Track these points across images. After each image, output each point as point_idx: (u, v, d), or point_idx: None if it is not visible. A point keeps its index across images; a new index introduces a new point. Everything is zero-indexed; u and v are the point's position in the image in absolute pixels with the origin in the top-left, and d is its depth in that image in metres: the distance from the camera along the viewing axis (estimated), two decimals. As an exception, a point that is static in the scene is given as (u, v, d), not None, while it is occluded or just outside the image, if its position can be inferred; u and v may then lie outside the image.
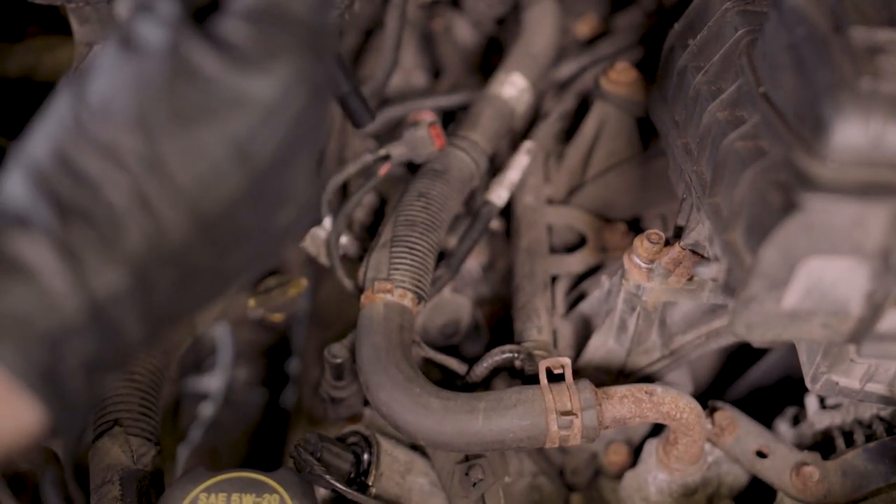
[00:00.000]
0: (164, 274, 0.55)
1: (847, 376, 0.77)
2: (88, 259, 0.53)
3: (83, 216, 0.54)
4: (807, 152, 0.64)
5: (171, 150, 0.55)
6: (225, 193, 0.56)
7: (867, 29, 0.64)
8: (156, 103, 0.55)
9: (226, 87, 0.55)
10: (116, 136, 0.55)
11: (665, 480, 0.93)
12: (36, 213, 0.54)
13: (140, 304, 0.55)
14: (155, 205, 0.54)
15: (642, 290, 0.88)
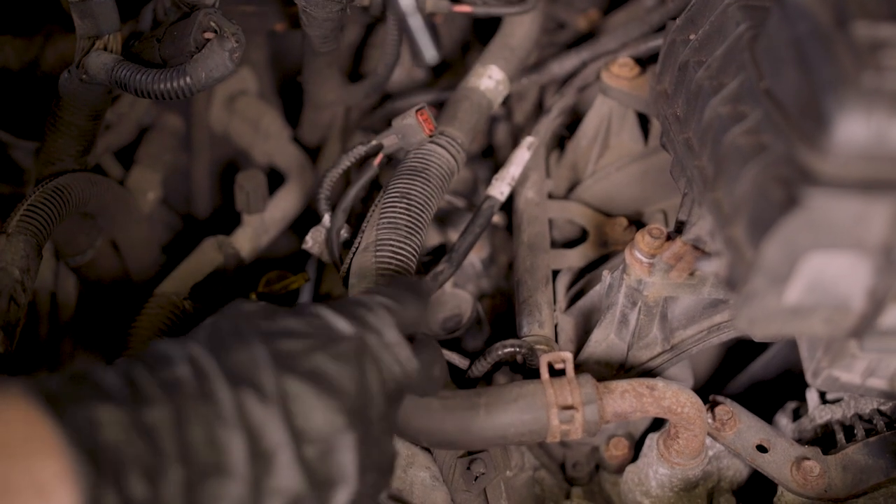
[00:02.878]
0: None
1: (848, 371, 0.77)
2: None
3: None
4: (809, 147, 0.64)
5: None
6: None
7: (870, 24, 0.64)
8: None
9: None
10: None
11: (666, 474, 0.93)
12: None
13: None
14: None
15: (643, 285, 0.88)
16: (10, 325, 0.90)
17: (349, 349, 0.70)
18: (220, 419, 0.62)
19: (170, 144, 1.40)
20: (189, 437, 0.61)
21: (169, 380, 0.63)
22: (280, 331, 0.70)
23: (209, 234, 1.24)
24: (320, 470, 0.66)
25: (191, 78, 0.90)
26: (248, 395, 0.64)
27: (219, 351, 0.66)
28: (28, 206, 0.97)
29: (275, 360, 0.67)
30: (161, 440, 0.60)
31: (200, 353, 0.66)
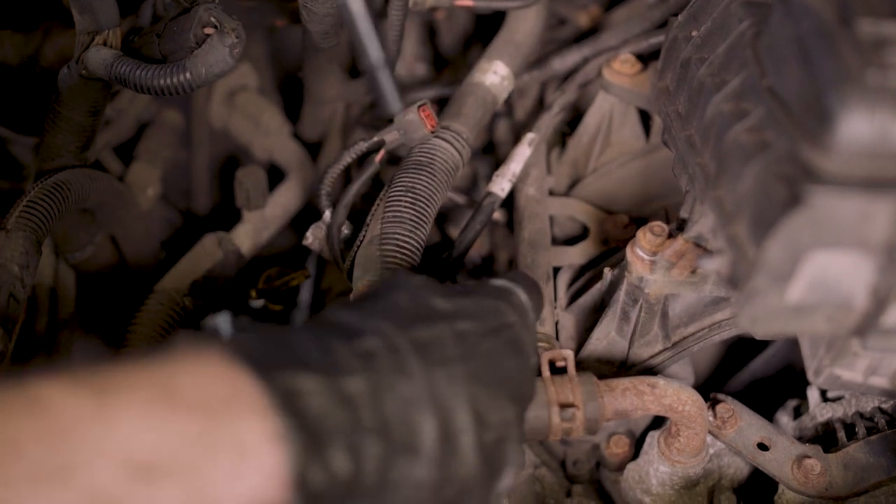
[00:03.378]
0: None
1: (850, 369, 0.77)
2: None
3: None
4: (812, 145, 0.64)
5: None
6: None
7: (874, 21, 0.63)
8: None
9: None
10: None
11: (666, 472, 0.93)
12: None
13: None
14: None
15: (645, 283, 0.88)
16: (9, 322, 0.90)
17: (516, 337, 0.71)
18: (414, 396, 0.61)
19: (169, 140, 1.39)
20: (386, 411, 0.60)
21: (363, 351, 0.62)
22: (457, 311, 0.69)
23: (209, 230, 1.24)
24: (494, 458, 0.65)
25: (191, 73, 0.90)
26: (438, 374, 0.63)
27: (404, 326, 0.65)
28: (27, 203, 0.96)
29: (456, 341, 0.66)
30: (361, 413, 0.59)
31: (389, 326, 0.64)
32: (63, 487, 0.49)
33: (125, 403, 0.53)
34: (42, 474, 0.48)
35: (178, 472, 0.52)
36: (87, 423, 0.51)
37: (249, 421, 0.55)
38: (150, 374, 0.55)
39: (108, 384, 0.53)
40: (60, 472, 0.49)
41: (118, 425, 0.52)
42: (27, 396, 0.51)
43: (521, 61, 1.16)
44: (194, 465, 0.53)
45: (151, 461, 0.51)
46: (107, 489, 0.50)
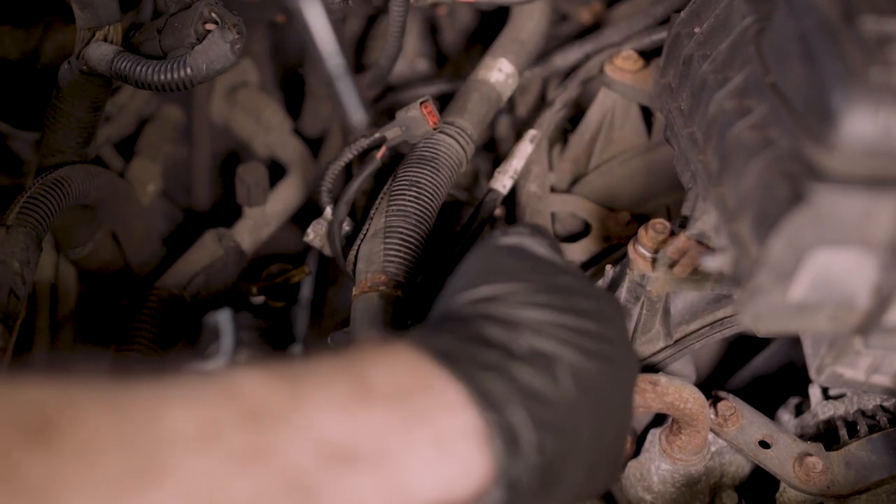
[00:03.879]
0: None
1: (852, 368, 0.76)
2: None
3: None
4: (815, 143, 0.63)
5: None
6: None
7: (878, 18, 0.63)
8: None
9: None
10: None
11: (668, 470, 0.93)
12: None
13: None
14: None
15: (646, 280, 0.88)
16: (9, 318, 0.89)
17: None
18: (574, 398, 0.62)
19: (170, 136, 1.39)
20: (555, 412, 0.60)
21: (533, 348, 0.62)
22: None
23: (210, 226, 1.24)
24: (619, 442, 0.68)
25: (191, 69, 0.90)
26: (591, 375, 0.63)
27: (555, 315, 0.64)
28: (28, 199, 0.96)
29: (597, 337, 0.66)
30: (543, 412, 0.59)
31: (541, 317, 0.64)
32: (263, 468, 0.49)
33: (320, 392, 0.53)
34: (242, 455, 0.49)
35: (374, 458, 0.53)
36: (284, 409, 0.52)
37: (448, 414, 0.56)
38: (343, 366, 0.56)
39: (301, 375, 0.54)
40: (259, 453, 0.50)
41: (314, 412, 0.52)
42: (223, 386, 0.52)
43: (526, 59, 1.16)
44: (391, 453, 0.54)
45: (347, 447, 0.52)
46: (304, 472, 0.51)
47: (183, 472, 0.47)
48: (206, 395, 0.51)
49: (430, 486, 0.55)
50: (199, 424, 0.49)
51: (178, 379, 0.52)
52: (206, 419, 0.50)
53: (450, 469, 0.56)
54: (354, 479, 0.52)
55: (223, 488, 0.48)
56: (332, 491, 0.51)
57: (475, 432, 0.56)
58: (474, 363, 0.59)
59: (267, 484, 0.49)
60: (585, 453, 0.63)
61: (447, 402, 0.56)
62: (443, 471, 0.55)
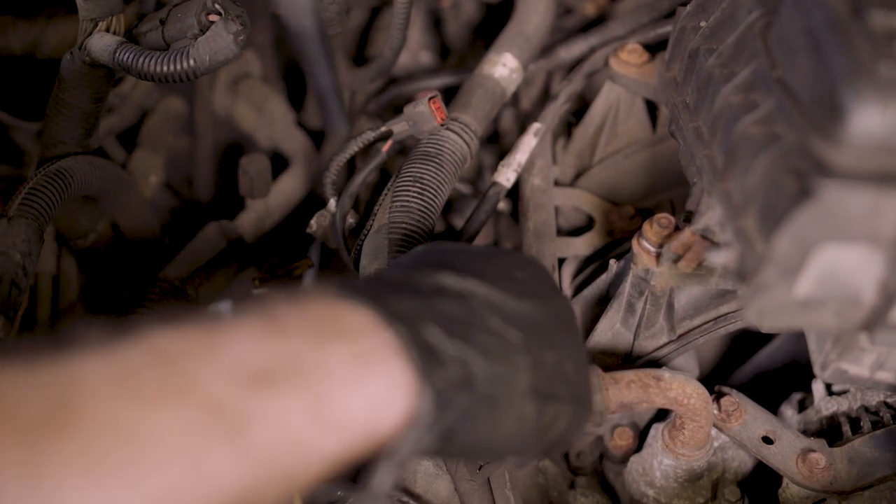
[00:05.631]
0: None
1: (857, 364, 0.76)
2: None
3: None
4: (823, 138, 0.63)
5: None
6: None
7: (886, 12, 0.62)
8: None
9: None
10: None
11: (670, 465, 0.93)
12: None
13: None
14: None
15: (651, 275, 0.87)
16: (11, 309, 0.89)
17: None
18: (506, 320, 0.65)
19: (173, 128, 1.39)
20: (487, 331, 0.63)
21: (441, 283, 0.65)
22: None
23: (212, 218, 1.23)
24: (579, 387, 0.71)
25: (194, 61, 0.89)
26: (517, 302, 0.66)
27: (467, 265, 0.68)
28: (29, 190, 0.96)
29: (510, 279, 0.69)
30: (461, 329, 0.61)
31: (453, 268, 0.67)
32: (183, 401, 0.50)
33: (232, 331, 0.54)
34: (160, 393, 0.50)
35: (295, 379, 0.53)
36: (197, 348, 0.52)
37: (360, 333, 0.57)
38: (254, 308, 0.57)
39: (213, 321, 0.55)
40: (177, 389, 0.50)
41: (227, 346, 0.53)
42: (137, 336, 0.52)
43: (531, 53, 1.16)
44: (311, 372, 0.54)
45: (266, 371, 0.52)
46: (227, 400, 0.51)
47: (100, 412, 0.48)
48: (119, 347, 0.51)
49: (359, 404, 0.55)
50: (112, 371, 0.50)
51: (96, 338, 0.52)
52: (119, 366, 0.50)
53: (375, 386, 0.56)
54: (279, 401, 0.52)
55: (145, 424, 0.48)
56: (260, 414, 0.51)
57: (393, 349, 0.57)
58: (382, 293, 0.60)
59: (191, 415, 0.50)
60: (524, 377, 0.64)
61: (361, 325, 0.57)
62: (368, 388, 0.56)
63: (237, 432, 0.51)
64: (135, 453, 0.48)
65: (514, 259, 0.73)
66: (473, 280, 0.66)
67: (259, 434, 0.51)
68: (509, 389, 0.63)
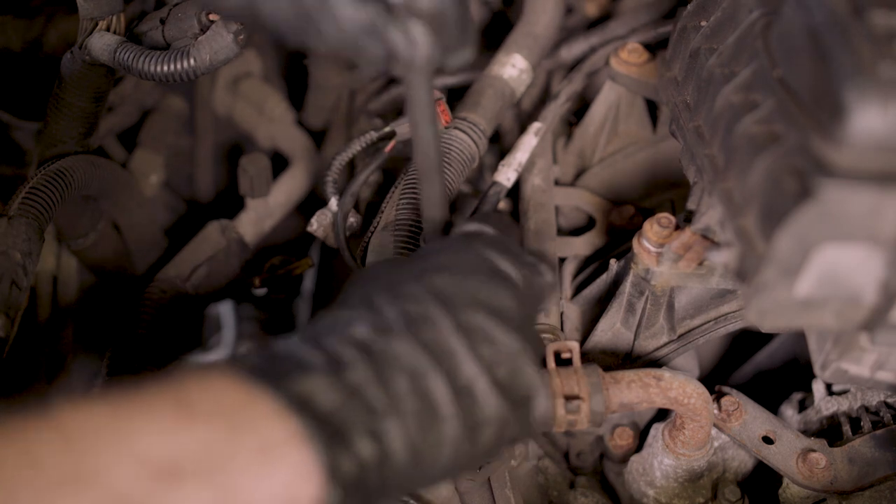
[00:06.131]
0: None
1: (857, 364, 0.76)
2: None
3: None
4: (823, 138, 0.63)
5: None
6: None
7: (887, 12, 0.62)
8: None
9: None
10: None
11: (671, 465, 0.93)
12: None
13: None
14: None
15: (651, 274, 0.87)
16: (11, 309, 0.89)
17: (494, 268, 0.71)
18: (414, 365, 0.62)
19: (173, 127, 1.39)
20: (394, 389, 0.61)
21: (355, 340, 0.63)
22: (428, 268, 0.69)
23: (212, 217, 1.23)
24: (514, 389, 0.66)
25: (195, 60, 0.89)
26: (427, 335, 0.64)
27: (385, 302, 0.66)
28: (29, 189, 0.96)
29: (435, 297, 0.66)
30: (371, 398, 0.60)
31: (369, 309, 0.66)
32: (87, 491, 0.49)
33: (140, 415, 0.53)
34: (63, 480, 0.49)
35: (202, 472, 0.53)
36: (104, 433, 0.52)
37: (267, 424, 0.56)
38: (164, 390, 0.56)
39: (122, 402, 0.54)
40: (81, 477, 0.49)
41: (135, 434, 0.52)
42: (42, 417, 0.52)
43: (540, 54, 1.16)
44: (219, 465, 0.53)
45: (173, 463, 0.52)
46: (130, 491, 0.50)
47: (5, 499, 0.47)
48: (24, 427, 0.51)
49: (267, 493, 0.55)
50: (16, 454, 0.49)
51: (6, 414, 0.52)
52: (23, 449, 0.49)
53: (282, 477, 0.55)
54: (186, 494, 0.52)
55: None
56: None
57: (299, 437, 0.56)
58: (286, 372, 0.59)
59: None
60: (450, 416, 0.63)
61: (266, 413, 0.56)
62: (275, 479, 0.55)
63: None
64: None
65: (481, 258, 0.71)
66: (378, 331, 0.64)
67: None
68: (436, 437, 0.62)
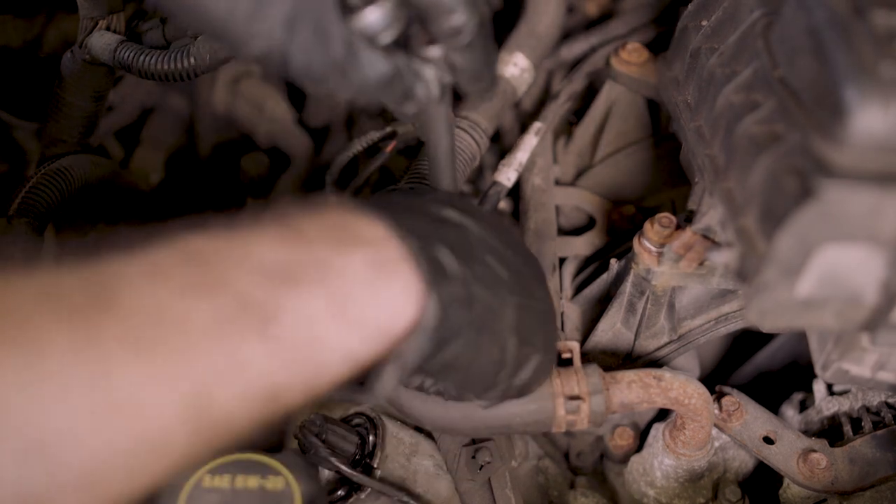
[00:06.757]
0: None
1: (858, 364, 0.76)
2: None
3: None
4: (824, 138, 0.63)
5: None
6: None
7: (889, 12, 0.62)
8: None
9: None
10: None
11: (671, 465, 0.93)
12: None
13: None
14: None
15: (652, 274, 0.87)
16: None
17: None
18: (493, 262, 0.69)
19: (173, 126, 1.39)
20: (479, 258, 0.67)
21: (445, 214, 0.69)
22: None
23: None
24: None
25: (195, 59, 0.89)
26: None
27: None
28: (30, 189, 0.96)
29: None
30: (463, 252, 0.66)
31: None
32: (215, 295, 0.53)
33: (256, 236, 0.57)
34: (192, 286, 0.52)
35: (318, 280, 0.57)
36: (224, 250, 0.55)
37: (380, 242, 0.61)
38: (275, 217, 0.60)
39: (237, 227, 0.58)
40: (207, 284, 0.53)
41: (252, 248, 0.56)
42: (165, 239, 0.55)
43: (542, 53, 1.16)
44: (332, 275, 0.57)
45: (291, 271, 0.56)
46: (255, 295, 0.54)
47: (139, 300, 0.50)
48: (150, 247, 0.54)
49: (375, 306, 0.59)
50: (145, 267, 0.52)
51: (130, 241, 0.55)
52: (151, 263, 0.53)
53: (389, 290, 0.60)
54: (303, 299, 0.56)
55: (183, 312, 0.51)
56: (287, 309, 0.55)
57: (406, 259, 0.61)
58: (393, 212, 0.64)
59: (224, 307, 0.52)
60: (510, 316, 0.69)
61: (376, 235, 0.61)
62: (383, 292, 0.60)
63: (267, 326, 0.54)
64: (177, 337, 0.51)
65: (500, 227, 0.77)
66: (471, 219, 0.70)
67: (286, 329, 0.54)
68: (498, 321, 0.68)
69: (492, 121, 1.06)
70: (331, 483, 0.90)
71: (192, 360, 0.51)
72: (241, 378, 0.53)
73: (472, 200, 0.78)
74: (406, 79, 0.64)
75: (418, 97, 0.66)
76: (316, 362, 0.56)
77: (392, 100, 0.66)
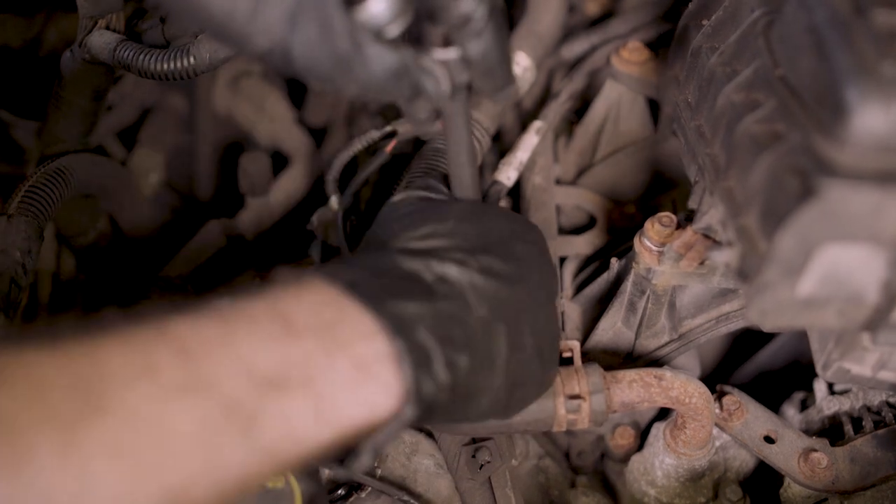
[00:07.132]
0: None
1: (859, 364, 0.76)
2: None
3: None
4: (825, 137, 0.62)
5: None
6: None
7: (890, 11, 0.62)
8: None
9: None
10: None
11: (672, 465, 0.93)
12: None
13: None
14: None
15: (652, 274, 0.87)
16: (10, 307, 0.89)
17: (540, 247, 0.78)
18: (489, 316, 0.68)
19: (173, 126, 1.39)
20: (471, 330, 0.67)
21: (441, 275, 0.68)
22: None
23: (212, 216, 1.23)
24: (546, 353, 0.74)
25: (195, 58, 0.89)
26: (503, 293, 0.70)
27: (468, 250, 0.71)
28: (29, 187, 0.96)
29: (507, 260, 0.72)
30: (454, 332, 0.65)
31: (456, 251, 0.70)
32: (201, 398, 0.54)
33: (247, 329, 0.58)
34: (180, 387, 0.53)
35: (302, 383, 0.58)
36: (215, 345, 0.56)
37: (364, 342, 0.61)
38: (267, 304, 0.60)
39: (229, 315, 0.58)
40: (196, 385, 0.54)
41: (243, 346, 0.57)
42: (156, 328, 0.56)
43: (544, 51, 1.16)
44: (317, 379, 0.59)
45: (276, 375, 0.57)
46: (240, 399, 0.55)
47: (125, 404, 0.51)
48: (141, 339, 0.55)
49: (356, 407, 0.60)
50: (136, 364, 0.53)
51: (117, 326, 0.55)
52: (142, 359, 0.53)
53: (371, 391, 0.61)
54: (287, 403, 0.57)
55: (168, 417, 0.52)
56: (269, 415, 0.56)
57: (389, 356, 0.62)
58: (384, 292, 0.64)
59: (207, 411, 0.54)
60: (501, 368, 0.69)
61: (363, 331, 0.62)
62: (365, 393, 0.61)
63: (249, 430, 0.55)
64: (159, 443, 0.52)
65: (514, 229, 0.76)
66: (468, 271, 0.69)
67: (267, 432, 0.56)
68: (487, 382, 0.68)
69: (494, 120, 1.06)
70: (331, 482, 0.90)
71: (172, 465, 0.52)
72: (218, 477, 0.54)
73: (488, 210, 0.77)
74: (414, 73, 0.63)
75: (428, 93, 0.65)
76: (290, 457, 0.58)
77: (400, 96, 0.65)
